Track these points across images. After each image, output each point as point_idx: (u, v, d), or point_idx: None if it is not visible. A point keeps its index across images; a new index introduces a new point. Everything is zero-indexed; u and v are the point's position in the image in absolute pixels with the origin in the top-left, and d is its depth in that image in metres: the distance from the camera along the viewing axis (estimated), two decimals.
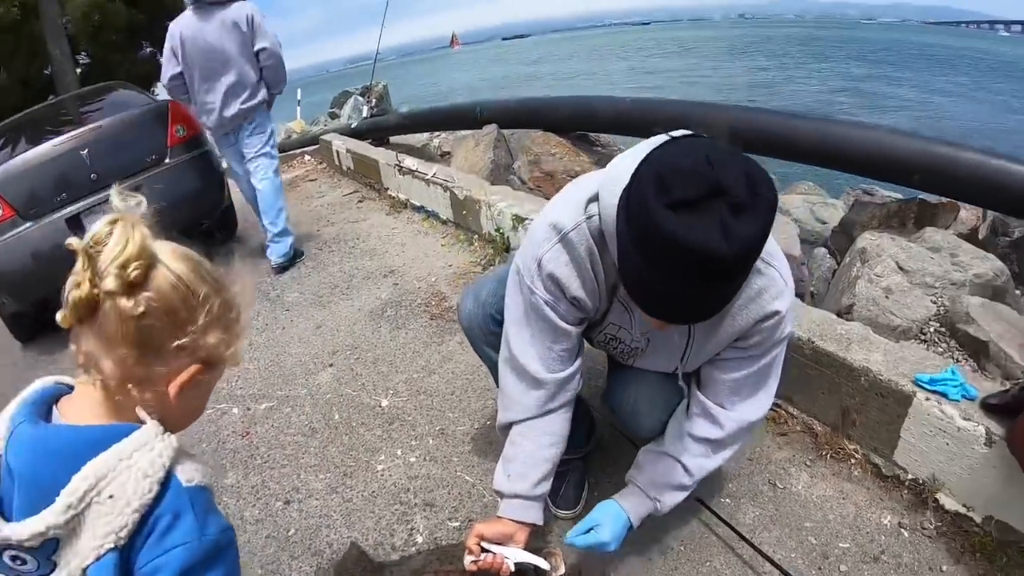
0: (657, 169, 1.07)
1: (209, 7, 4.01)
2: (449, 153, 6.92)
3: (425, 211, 4.97)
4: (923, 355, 2.04)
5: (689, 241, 1.01)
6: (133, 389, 0.85)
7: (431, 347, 3.11)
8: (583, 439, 2.09)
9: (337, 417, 2.69)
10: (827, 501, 1.98)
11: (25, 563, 0.79)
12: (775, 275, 1.38)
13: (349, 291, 3.94)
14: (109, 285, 0.78)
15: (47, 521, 0.76)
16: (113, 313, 0.80)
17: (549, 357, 1.54)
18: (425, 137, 8.12)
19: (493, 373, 1.77)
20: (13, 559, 0.78)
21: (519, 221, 3.69)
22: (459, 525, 2.05)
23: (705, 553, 1.86)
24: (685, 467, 1.62)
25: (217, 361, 0.93)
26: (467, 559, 1.57)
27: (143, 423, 0.85)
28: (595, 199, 1.33)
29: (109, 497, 0.78)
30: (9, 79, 18.56)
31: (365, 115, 9.49)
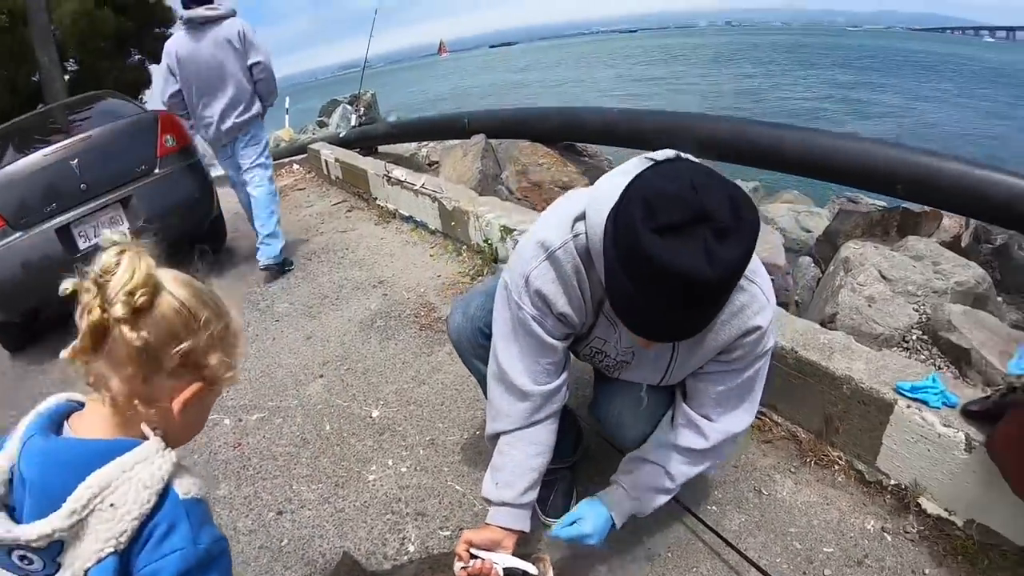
0: (644, 194, 1.10)
1: (201, 26, 4.11)
2: (437, 162, 6.92)
3: (414, 221, 4.99)
4: (904, 363, 2.06)
5: (675, 265, 1.04)
6: (139, 406, 0.91)
7: (421, 358, 3.12)
8: (571, 449, 2.10)
9: (328, 428, 2.70)
10: (811, 507, 2.00)
11: (32, 563, 0.84)
12: (757, 291, 1.41)
13: (339, 302, 3.94)
14: (118, 311, 0.84)
15: (53, 524, 0.81)
16: (122, 337, 0.85)
17: (536, 370, 1.57)
18: (413, 146, 8.12)
19: (482, 384, 1.79)
20: (21, 558, 0.84)
21: (507, 232, 3.70)
22: (450, 534, 2.06)
23: (692, 559, 1.87)
24: (668, 473, 1.65)
25: (218, 380, 0.99)
26: (457, 566, 1.59)
27: (147, 438, 0.91)
28: (582, 217, 1.35)
29: (111, 505, 0.83)
30: None
31: (353, 124, 9.51)
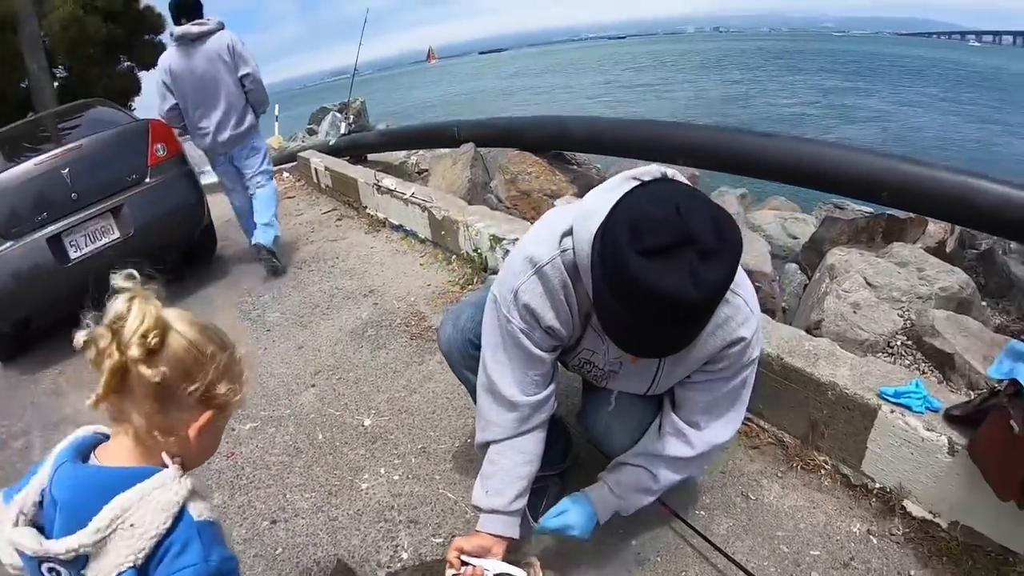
0: (630, 216, 1.13)
1: (192, 42, 4.23)
2: (427, 171, 6.92)
3: (404, 230, 5.01)
4: (888, 369, 2.09)
5: (661, 288, 1.07)
6: (158, 435, 0.99)
7: (412, 367, 3.14)
8: (560, 456, 2.13)
9: (321, 437, 2.71)
10: (798, 511, 2.03)
11: (59, 574, 0.93)
12: (741, 303, 1.44)
13: (330, 311, 3.95)
14: (134, 353, 0.92)
15: (80, 540, 0.90)
16: (140, 376, 0.93)
17: (525, 381, 1.60)
18: (403, 155, 8.11)
19: (472, 394, 1.82)
20: (50, 571, 0.93)
21: (496, 241, 3.72)
22: (443, 541, 2.07)
23: (681, 563, 1.89)
24: (654, 476, 1.69)
25: (227, 405, 1.07)
26: (448, 572, 1.61)
27: (166, 466, 0.99)
28: (569, 233, 1.39)
29: (131, 525, 0.91)
30: None
31: (343, 132, 9.49)
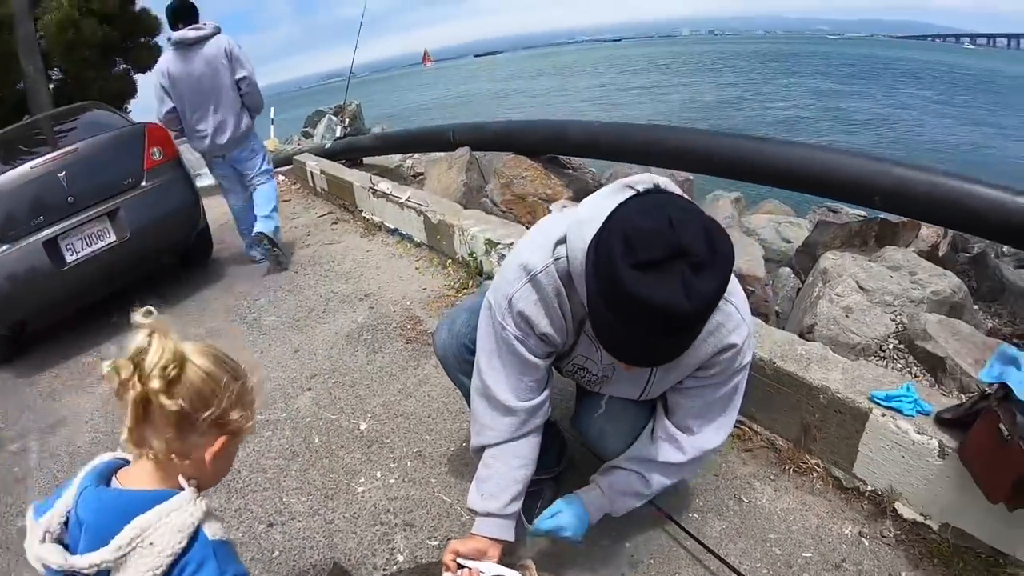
0: (623, 228, 1.15)
1: (190, 46, 4.29)
2: (422, 174, 6.93)
3: (399, 234, 5.02)
4: (880, 372, 2.10)
5: (654, 300, 1.09)
6: (176, 459, 1.08)
7: (407, 370, 3.15)
8: (555, 460, 2.14)
9: (317, 440, 2.72)
10: (790, 513, 2.04)
11: None
12: (732, 310, 1.46)
13: (326, 315, 3.96)
14: (155, 385, 1.00)
15: (102, 556, 0.98)
16: (161, 405, 1.02)
17: (519, 387, 1.61)
18: (398, 158, 8.13)
19: (467, 398, 1.82)
20: None
21: (491, 245, 3.74)
22: (438, 544, 2.08)
23: (674, 565, 1.91)
24: (646, 480, 1.71)
25: (240, 431, 1.16)
26: (444, 575, 1.62)
27: (183, 488, 1.08)
28: (563, 241, 1.40)
29: (150, 544, 1.00)
30: None
31: (338, 135, 9.52)
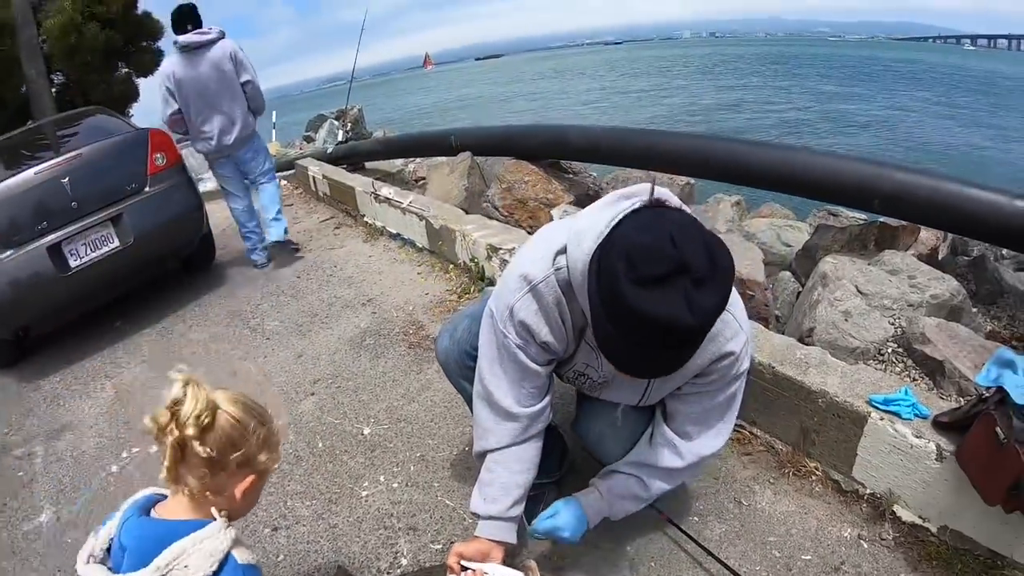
0: (625, 245, 1.17)
1: (195, 51, 4.36)
2: (424, 179, 6.93)
3: (401, 239, 5.03)
4: (878, 376, 2.12)
5: (657, 315, 1.11)
6: (209, 495, 1.20)
7: (410, 375, 3.16)
8: (556, 465, 2.16)
9: (321, 445, 2.74)
10: (790, 516, 2.05)
11: None
12: (730, 319, 1.48)
13: (328, 320, 3.98)
14: (190, 432, 1.11)
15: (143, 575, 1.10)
16: (195, 450, 1.13)
17: (521, 394, 1.63)
18: (400, 163, 8.14)
19: (469, 403, 1.84)
20: None
21: (493, 251, 3.75)
22: (441, 547, 2.10)
23: (674, 568, 1.92)
24: (645, 484, 1.73)
25: (267, 471, 1.29)
26: None
27: (214, 519, 1.19)
28: (563, 251, 1.42)
29: (185, 567, 1.11)
30: None
31: (340, 139, 9.54)
